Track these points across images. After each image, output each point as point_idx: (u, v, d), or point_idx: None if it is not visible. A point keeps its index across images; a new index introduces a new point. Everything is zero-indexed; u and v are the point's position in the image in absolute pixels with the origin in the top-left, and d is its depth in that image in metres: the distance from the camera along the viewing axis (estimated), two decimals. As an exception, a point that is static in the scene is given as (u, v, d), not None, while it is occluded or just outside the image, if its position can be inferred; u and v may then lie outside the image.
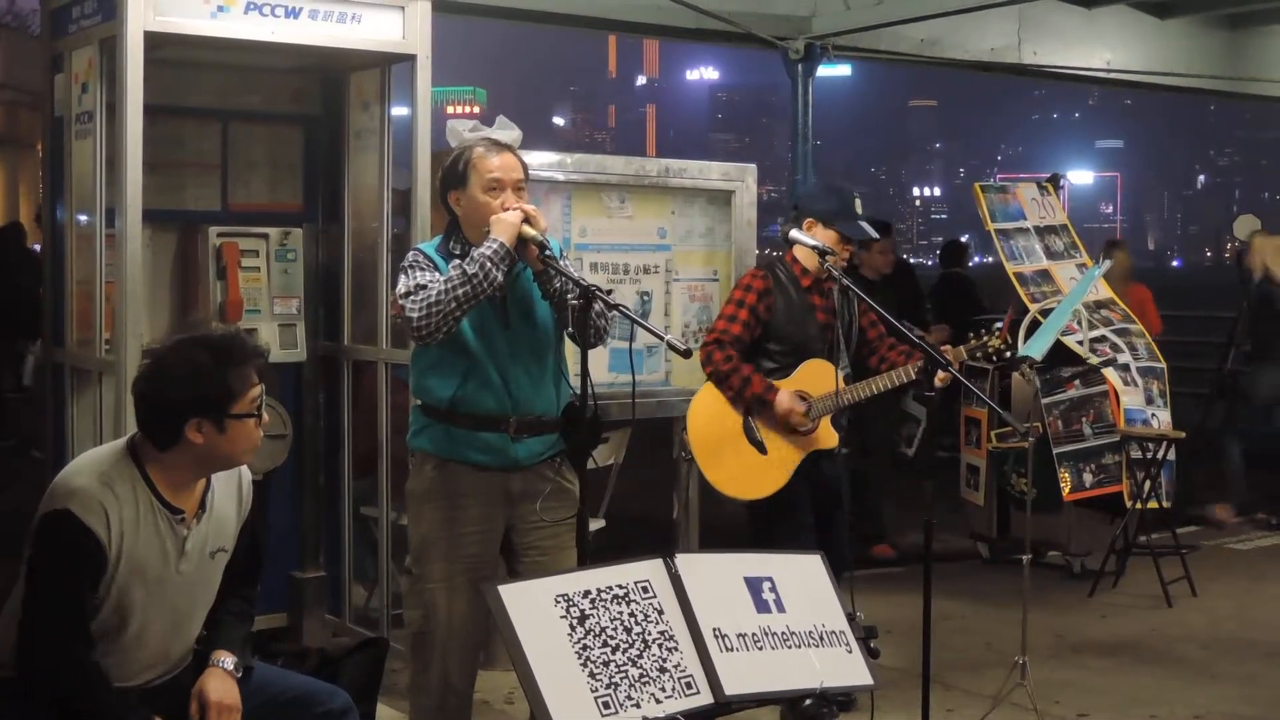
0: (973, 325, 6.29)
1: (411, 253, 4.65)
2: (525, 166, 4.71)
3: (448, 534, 4.63)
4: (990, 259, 12.10)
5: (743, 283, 6.01)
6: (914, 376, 5.71)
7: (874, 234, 6.21)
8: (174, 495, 3.74)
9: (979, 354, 5.76)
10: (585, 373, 4.26)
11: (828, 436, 5.90)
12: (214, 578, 3.91)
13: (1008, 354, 5.83)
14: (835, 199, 5.97)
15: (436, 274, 4.50)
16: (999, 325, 5.96)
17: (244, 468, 3.98)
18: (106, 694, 3.64)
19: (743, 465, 5.87)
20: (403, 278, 4.53)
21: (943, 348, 5.65)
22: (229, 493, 3.92)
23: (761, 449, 5.85)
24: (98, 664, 3.64)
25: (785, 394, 5.81)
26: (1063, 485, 7.91)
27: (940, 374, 5.48)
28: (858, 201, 5.99)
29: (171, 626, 3.82)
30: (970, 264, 15.16)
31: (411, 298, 4.42)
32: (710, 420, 5.90)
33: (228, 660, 3.89)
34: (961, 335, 6.15)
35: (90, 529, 3.57)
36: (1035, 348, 6.69)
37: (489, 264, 4.37)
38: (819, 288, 5.93)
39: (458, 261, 4.46)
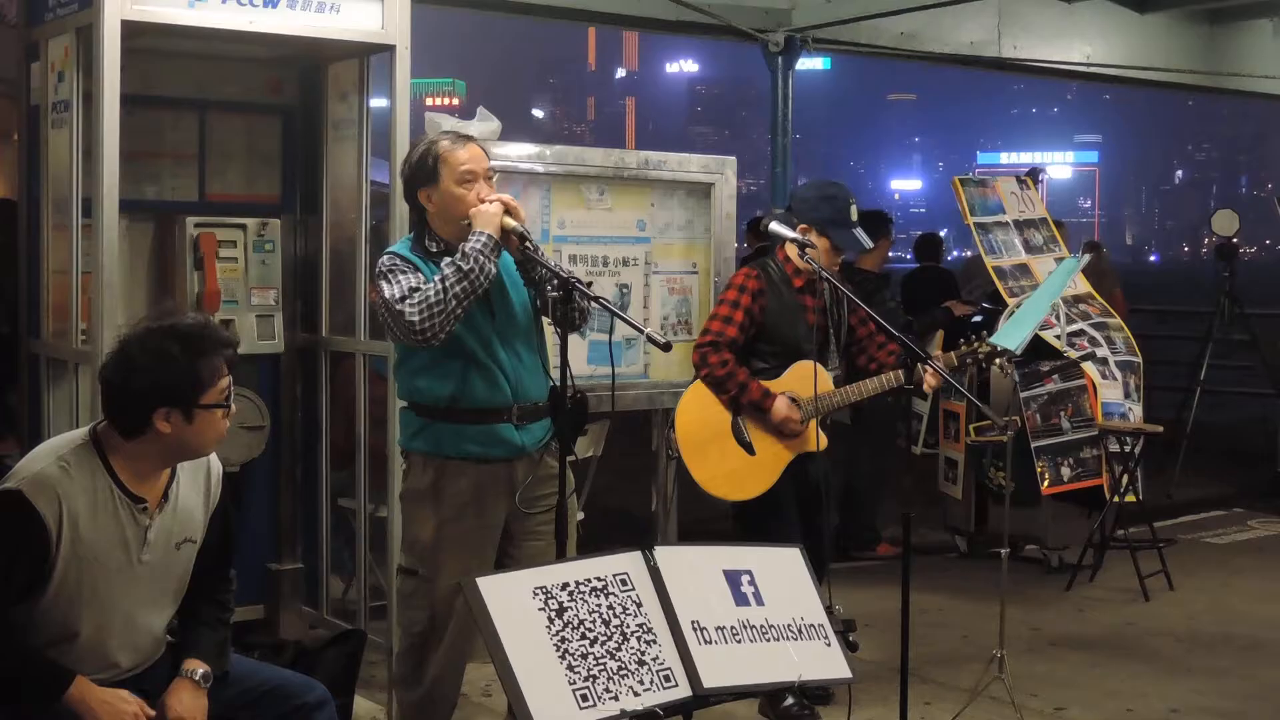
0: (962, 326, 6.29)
1: (386, 257, 4.59)
2: (489, 156, 4.70)
3: (453, 532, 4.61)
4: (969, 252, 12.11)
5: (736, 282, 5.96)
6: (903, 382, 5.65)
7: (868, 244, 6.18)
8: (137, 485, 3.71)
9: (969, 360, 5.75)
10: (565, 363, 4.25)
11: (816, 439, 5.88)
12: (181, 569, 3.88)
13: (997, 360, 5.82)
14: (830, 206, 5.91)
15: (420, 275, 4.47)
16: (981, 329, 5.94)
17: (213, 457, 3.95)
18: (20, 651, 3.60)
19: (730, 466, 5.85)
20: (385, 285, 4.46)
21: (935, 354, 5.63)
22: (195, 483, 3.89)
23: (749, 450, 5.83)
24: (10, 627, 3.60)
25: (782, 401, 5.78)
26: (1040, 479, 7.92)
27: (929, 378, 5.49)
28: (853, 208, 5.94)
29: (138, 617, 3.78)
30: (949, 257, 15.17)
31: (408, 301, 4.37)
32: (698, 420, 5.87)
33: (198, 671, 3.84)
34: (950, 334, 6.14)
35: (37, 511, 3.54)
36: (1011, 339, 6.68)
37: (481, 257, 4.35)
38: (811, 287, 5.88)
39: (449, 259, 4.43)
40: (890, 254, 9.37)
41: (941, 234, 12.38)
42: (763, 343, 5.88)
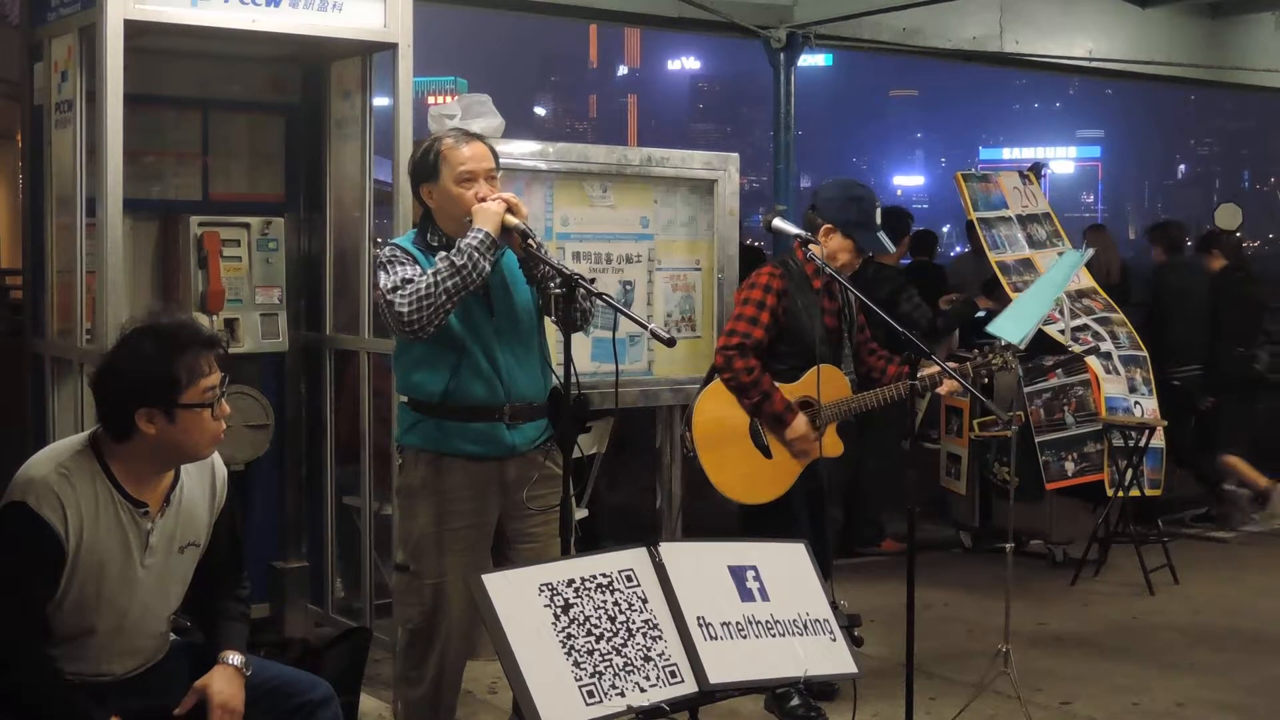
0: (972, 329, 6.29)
1: (388, 247, 4.61)
2: (496, 154, 4.69)
3: (445, 528, 4.62)
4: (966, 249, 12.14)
5: (760, 282, 5.86)
6: (910, 391, 5.60)
7: (890, 247, 6.20)
8: (136, 488, 3.71)
9: (984, 371, 5.73)
10: (568, 361, 4.25)
11: (833, 445, 5.83)
12: (184, 572, 3.88)
13: (1003, 343, 5.81)
14: (856, 208, 5.86)
15: (418, 267, 4.47)
16: (1003, 343, 5.89)
17: (218, 459, 3.95)
18: (58, 687, 3.61)
19: (746, 468, 5.80)
20: (383, 274, 4.48)
21: (949, 364, 5.62)
22: (200, 486, 3.88)
23: (766, 453, 5.79)
24: (50, 657, 3.62)
25: (802, 420, 5.74)
26: (1044, 474, 7.93)
27: (946, 384, 5.49)
28: (878, 212, 5.93)
29: (140, 620, 3.78)
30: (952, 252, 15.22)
31: (399, 292, 4.38)
32: (716, 420, 5.82)
33: (236, 657, 3.85)
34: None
35: (46, 521, 3.55)
36: (1014, 332, 6.68)
37: (476, 254, 4.35)
38: (828, 289, 5.87)
39: (444, 254, 4.43)
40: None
41: (945, 229, 12.37)
42: (782, 344, 5.82)
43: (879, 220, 5.91)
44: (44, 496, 3.57)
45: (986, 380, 5.93)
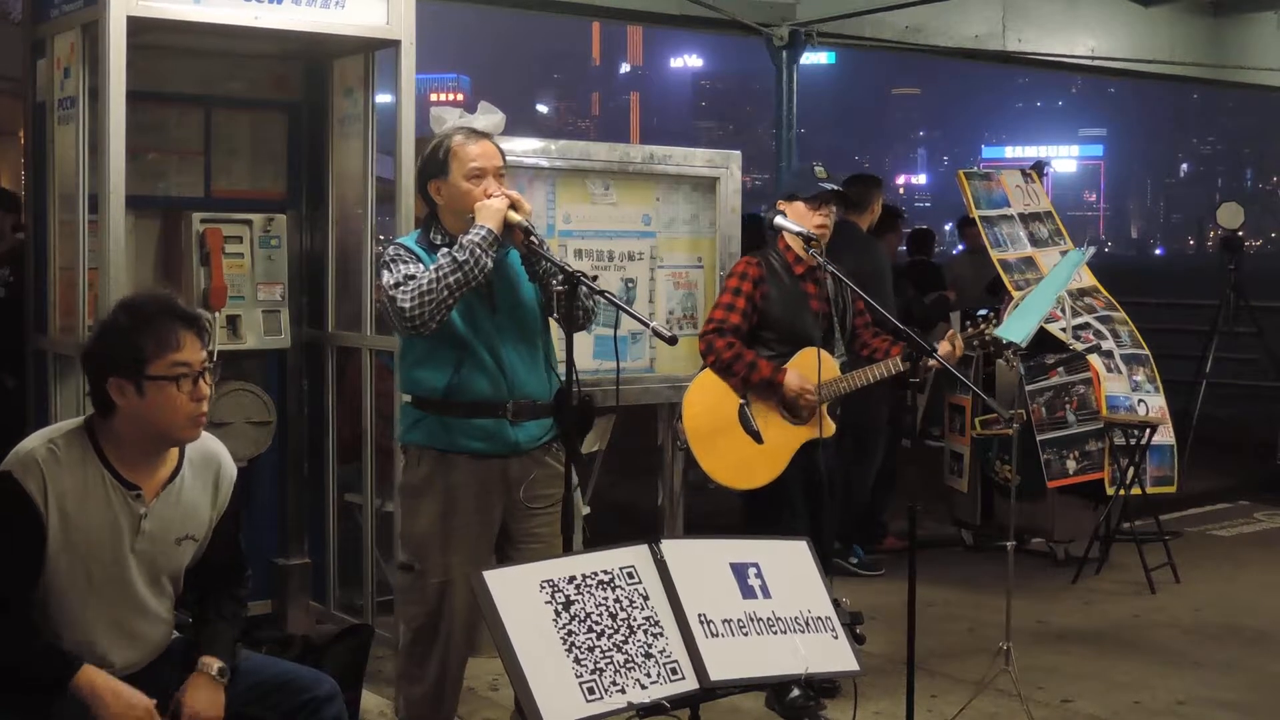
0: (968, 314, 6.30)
1: (391, 246, 4.63)
2: (503, 154, 4.71)
3: (448, 526, 4.61)
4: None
5: (737, 270, 5.99)
6: (904, 368, 5.62)
7: (833, 186, 6.08)
8: (131, 472, 3.71)
9: (976, 342, 5.77)
10: (570, 359, 4.26)
11: (824, 425, 5.88)
12: (179, 565, 3.87)
13: (1004, 353, 5.84)
14: (794, 175, 6.18)
15: (421, 265, 4.48)
16: (989, 312, 5.94)
17: (227, 459, 3.96)
18: (36, 646, 3.61)
19: (738, 455, 5.85)
20: (386, 272, 4.49)
21: (943, 340, 5.65)
22: (203, 481, 3.88)
23: (757, 438, 5.83)
24: (26, 618, 3.61)
25: (794, 374, 5.78)
26: (1046, 472, 7.92)
27: (933, 359, 5.50)
28: (817, 168, 5.99)
29: (132, 608, 3.78)
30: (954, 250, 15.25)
31: (401, 288, 4.39)
32: (706, 409, 5.88)
33: (214, 666, 3.83)
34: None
35: (26, 492, 3.56)
36: (1016, 332, 6.68)
37: (478, 250, 4.36)
38: (812, 275, 5.91)
39: (446, 250, 4.44)
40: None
41: (947, 227, 12.41)
42: (766, 330, 5.89)
43: (821, 175, 5.94)
44: (28, 469, 3.59)
45: (979, 350, 5.96)
